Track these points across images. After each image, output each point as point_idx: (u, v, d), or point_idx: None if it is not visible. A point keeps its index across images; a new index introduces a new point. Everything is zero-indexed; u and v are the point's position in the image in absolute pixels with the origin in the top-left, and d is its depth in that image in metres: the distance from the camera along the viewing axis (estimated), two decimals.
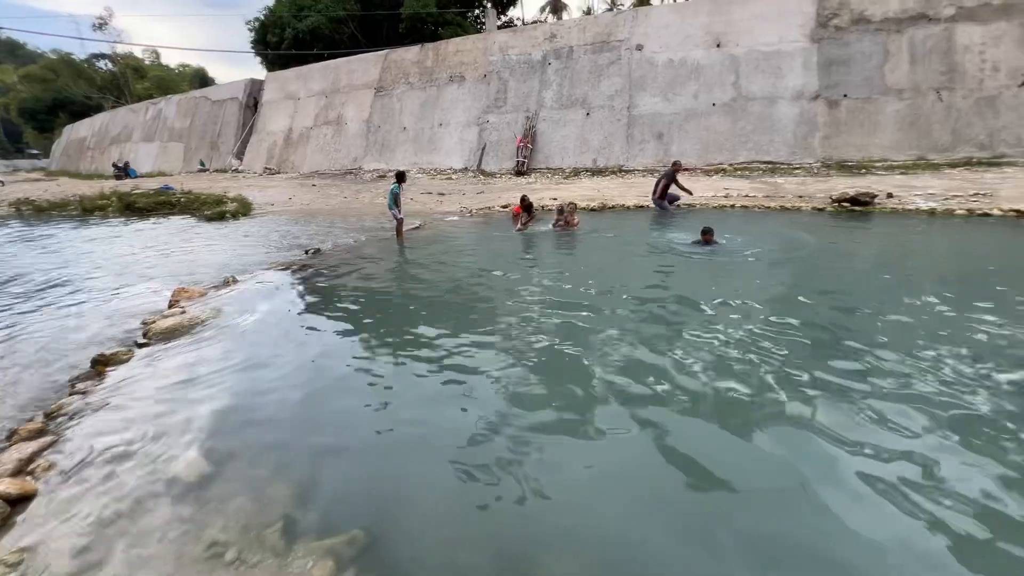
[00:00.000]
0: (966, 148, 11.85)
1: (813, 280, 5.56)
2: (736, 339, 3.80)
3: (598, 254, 7.17)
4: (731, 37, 14.32)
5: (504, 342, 3.99)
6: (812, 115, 13.31)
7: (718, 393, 3.11)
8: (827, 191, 9.84)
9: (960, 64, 12.14)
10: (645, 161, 14.77)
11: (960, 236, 7.19)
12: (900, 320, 4.07)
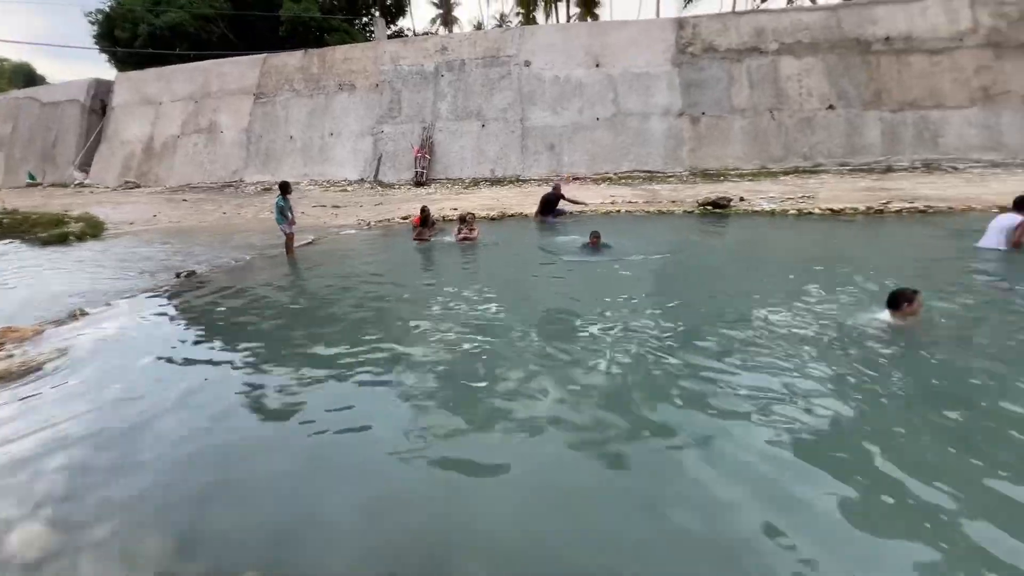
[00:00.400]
0: (794, 159, 14.32)
1: (687, 275, 6.34)
2: (627, 334, 4.21)
3: (498, 263, 7.34)
4: (608, 59, 15.72)
5: (406, 359, 3.93)
6: (679, 130, 15.10)
7: (617, 385, 3.43)
8: (694, 196, 11.23)
9: (785, 90, 14.66)
10: (540, 171, 15.54)
11: (792, 231, 8.68)
12: (756, 300, 4.84)
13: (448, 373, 3.65)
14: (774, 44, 14.89)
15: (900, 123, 14.05)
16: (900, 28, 14.33)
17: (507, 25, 42.11)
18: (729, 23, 15.43)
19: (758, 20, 15.40)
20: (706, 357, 3.72)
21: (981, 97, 13.75)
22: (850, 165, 13.93)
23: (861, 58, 14.43)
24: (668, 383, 3.38)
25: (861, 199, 10.18)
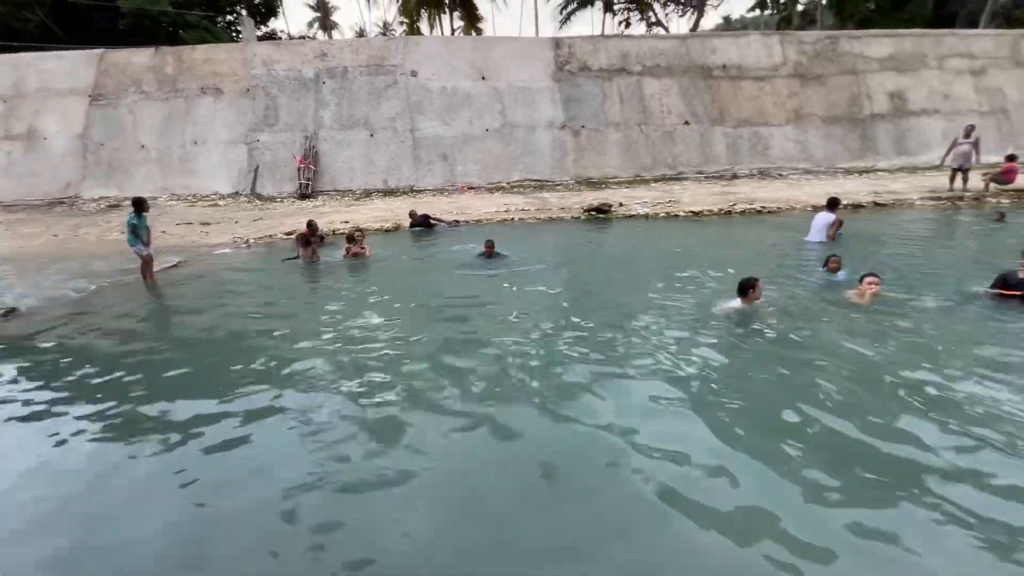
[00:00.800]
0: (661, 168, 16.17)
1: (580, 278, 6.84)
2: (525, 340, 4.43)
3: (393, 279, 7.08)
4: (493, 72, 16.29)
5: (295, 391, 3.63)
6: (563, 141, 16.17)
7: (516, 390, 3.60)
8: (580, 203, 12.12)
9: (649, 107, 16.51)
10: (434, 181, 15.53)
11: (664, 231, 9.82)
12: (641, 296, 5.40)
13: (343, 401, 3.51)
14: (638, 66, 16.70)
15: (739, 137, 16.63)
16: (733, 58, 17.01)
17: (391, 34, 41.40)
18: (599, 45, 16.96)
19: (623, 45, 17.15)
20: (601, 351, 4.09)
21: (793, 117, 16.87)
22: (705, 173, 16.13)
23: (705, 82, 16.82)
24: (568, 383, 3.66)
25: (715, 202, 11.86)
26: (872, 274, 4.85)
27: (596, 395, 3.38)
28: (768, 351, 4.05)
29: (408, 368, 3.90)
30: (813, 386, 3.38)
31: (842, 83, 17.36)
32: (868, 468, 2.54)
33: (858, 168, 16.46)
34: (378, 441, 2.98)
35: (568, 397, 3.40)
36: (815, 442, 2.79)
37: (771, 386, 3.47)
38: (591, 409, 3.22)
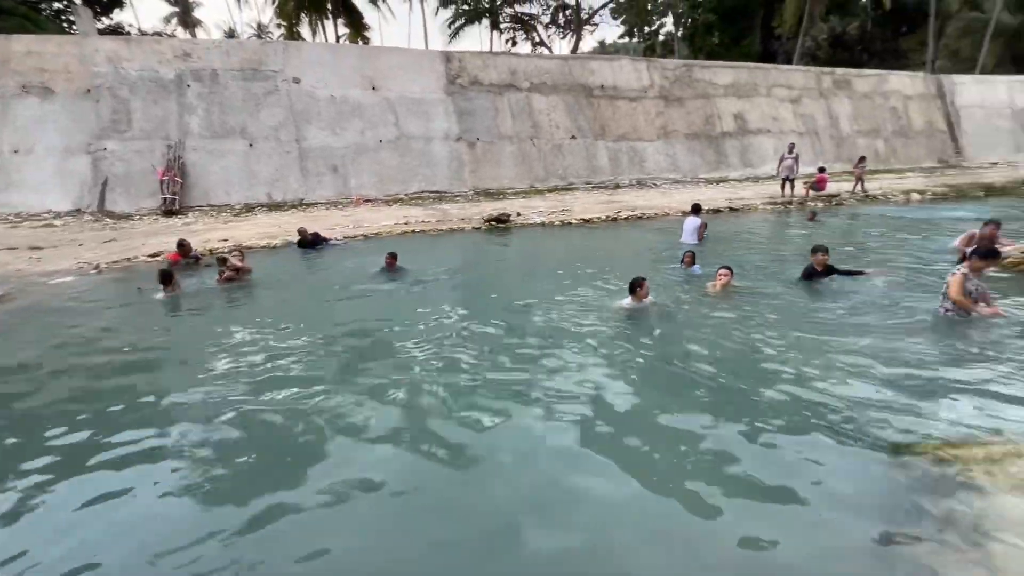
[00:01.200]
0: (553, 179, 17.18)
1: (484, 287, 6.99)
2: (438, 352, 4.44)
3: (282, 302, 6.33)
4: (383, 82, 16.00)
5: (173, 441, 3.18)
6: (459, 153, 16.40)
7: (428, 402, 3.60)
8: (480, 213, 12.38)
9: (539, 122, 17.48)
10: (325, 194, 14.73)
11: (560, 238, 10.44)
12: (542, 300, 5.69)
13: (241, 439, 3.23)
14: (526, 83, 17.61)
15: (619, 151, 18.34)
16: (609, 80, 18.75)
17: (267, 36, 38.47)
18: (488, 61, 17.57)
19: (511, 62, 17.98)
20: (509, 356, 4.26)
21: (662, 134, 19.07)
22: (592, 183, 17.48)
23: (587, 100, 18.30)
24: (477, 391, 3.76)
25: (602, 210, 12.92)
26: (725, 267, 5.73)
27: (507, 399, 3.53)
28: (654, 340, 4.58)
29: (305, 398, 3.69)
30: (689, 367, 3.91)
31: (698, 105, 20.07)
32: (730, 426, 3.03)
33: (715, 178, 19.11)
34: (269, 489, 2.79)
35: (478, 406, 3.50)
36: (697, 414, 3.24)
37: (657, 371, 3.93)
38: (502, 414, 3.35)
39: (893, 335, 4.36)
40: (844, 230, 10.59)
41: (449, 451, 2.95)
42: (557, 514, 2.41)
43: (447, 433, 3.12)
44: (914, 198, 15.10)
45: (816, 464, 2.68)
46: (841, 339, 4.30)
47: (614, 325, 4.91)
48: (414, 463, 2.86)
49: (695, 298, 5.65)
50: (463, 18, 32.44)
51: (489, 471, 2.77)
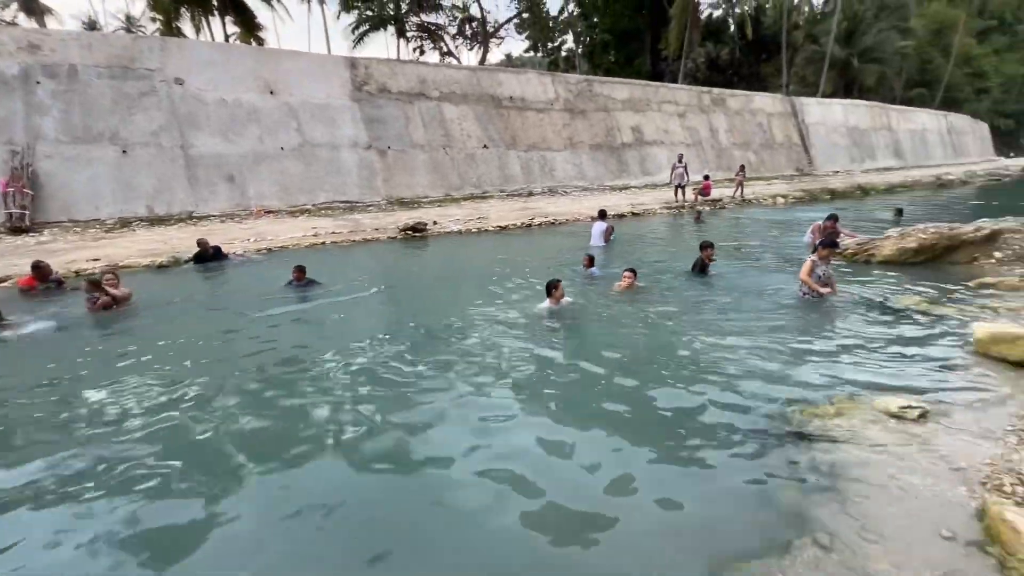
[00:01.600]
0: (468, 188, 17.34)
1: (403, 296, 6.86)
2: (357, 368, 4.29)
3: (175, 327, 5.48)
4: (283, 87, 15.05)
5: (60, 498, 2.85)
6: (370, 161, 15.92)
7: (350, 419, 3.48)
8: (395, 223, 12.13)
9: (451, 131, 17.56)
10: (220, 205, 13.46)
11: (477, 246, 10.57)
12: (463, 308, 5.73)
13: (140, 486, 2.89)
14: (436, 92, 17.62)
15: (530, 160, 19.02)
16: (517, 92, 19.41)
17: (139, 31, 34.27)
18: (397, 69, 17.32)
19: (420, 71, 17.89)
20: (432, 366, 4.25)
21: (569, 144, 20.14)
22: (506, 191, 17.93)
23: (497, 111, 18.78)
24: (397, 402, 3.71)
25: (517, 217, 13.32)
26: (629, 269, 6.24)
27: (428, 408, 3.54)
28: (569, 338, 4.86)
29: (209, 432, 3.40)
30: (601, 360, 4.22)
31: (599, 118, 21.51)
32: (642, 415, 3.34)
33: (618, 186, 20.57)
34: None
35: (400, 419, 3.47)
36: (612, 403, 3.51)
37: (573, 368, 4.19)
38: (423, 424, 3.36)
39: (764, 317, 5.09)
40: (727, 229, 12.02)
41: (374, 465, 2.90)
42: (484, 517, 2.49)
43: (370, 449, 3.06)
44: (779, 201, 17.55)
45: (709, 429, 3.07)
46: (724, 323, 4.92)
47: (534, 327, 5.12)
48: (341, 482, 2.77)
49: (605, 298, 6.08)
50: (367, 24, 31.59)
51: (414, 482, 2.78)
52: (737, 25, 37.74)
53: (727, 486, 2.60)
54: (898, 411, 3.11)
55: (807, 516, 2.32)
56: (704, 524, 2.36)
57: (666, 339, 4.67)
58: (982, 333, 4.01)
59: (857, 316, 5.06)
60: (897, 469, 2.59)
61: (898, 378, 3.68)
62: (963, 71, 49.82)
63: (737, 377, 3.76)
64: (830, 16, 37.28)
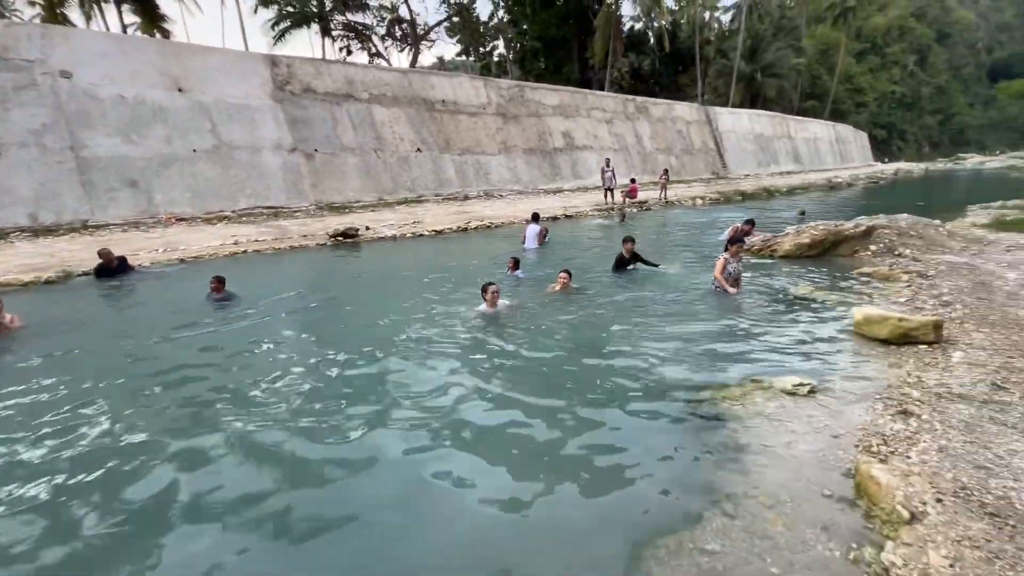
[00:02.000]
0: (402, 191, 17.02)
1: (334, 305, 6.60)
2: (289, 387, 4.08)
3: (72, 353, 4.83)
4: (195, 84, 13.92)
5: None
6: (295, 165, 15.14)
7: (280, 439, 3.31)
8: (324, 228, 11.63)
9: (382, 134, 17.15)
10: (122, 212, 12.17)
11: (412, 250, 10.42)
12: (398, 313, 5.62)
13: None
14: (365, 94, 17.13)
15: (465, 164, 19.04)
16: (449, 95, 19.36)
17: (14, 16, 30.13)
18: (322, 69, 16.62)
19: (347, 71, 17.30)
20: (366, 377, 4.15)
21: (503, 148, 20.40)
22: (442, 195, 17.80)
23: (430, 114, 18.61)
24: (332, 412, 3.59)
25: (453, 221, 13.28)
26: (565, 271, 6.46)
27: (362, 418, 3.47)
28: (505, 339, 4.95)
29: (127, 464, 3.10)
30: (535, 359, 4.35)
31: (531, 123, 21.99)
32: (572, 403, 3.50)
33: (552, 189, 21.14)
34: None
35: (334, 428, 3.38)
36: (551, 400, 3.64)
37: (508, 367, 4.28)
38: (357, 434, 3.30)
39: (682, 311, 5.50)
40: (653, 228, 12.78)
41: (311, 476, 2.80)
42: (421, 519, 2.50)
43: (307, 458, 2.95)
44: (699, 203, 18.92)
45: (631, 417, 3.28)
46: (646, 318, 5.27)
47: (469, 331, 5.16)
48: (276, 498, 2.64)
49: (540, 299, 6.24)
50: (288, 20, 30.02)
51: (354, 489, 2.72)
52: (656, 38, 40.26)
53: (646, 468, 2.80)
54: (792, 388, 3.50)
55: (715, 488, 2.57)
56: (625, 504, 2.53)
57: (593, 336, 4.90)
58: (859, 316, 4.61)
59: (761, 306, 5.62)
60: (790, 439, 2.93)
61: (792, 359, 4.15)
62: (845, 87, 56.63)
63: (656, 367, 4.05)
64: (736, 34, 40.86)
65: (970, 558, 1.93)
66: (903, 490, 2.31)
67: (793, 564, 2.08)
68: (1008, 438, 2.71)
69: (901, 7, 68.30)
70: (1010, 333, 4.24)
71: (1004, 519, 2.12)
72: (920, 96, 67.99)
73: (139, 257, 8.77)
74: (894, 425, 2.95)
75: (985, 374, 3.50)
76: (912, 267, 6.79)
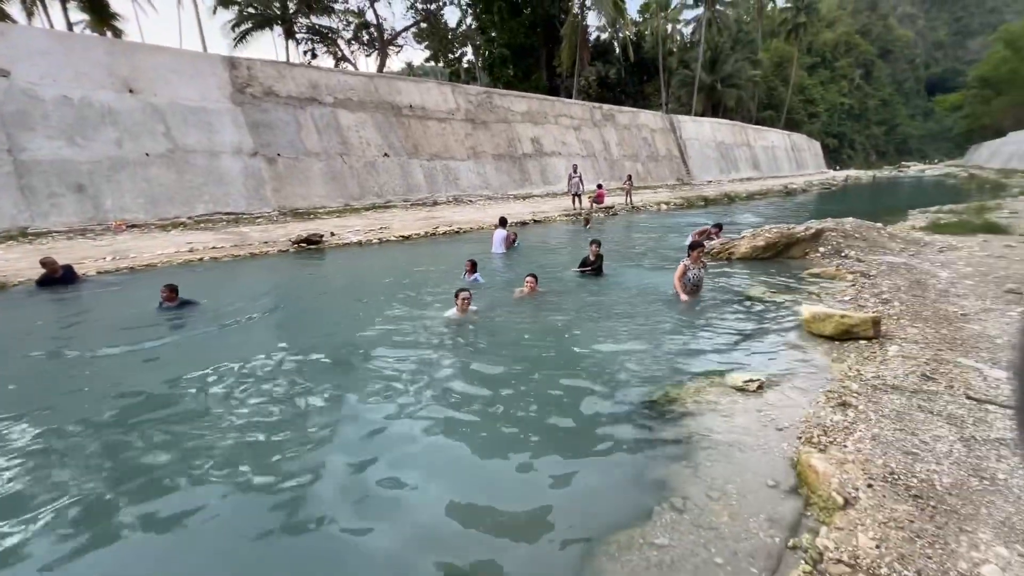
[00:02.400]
0: (370, 197, 16.78)
1: (295, 313, 6.42)
2: (247, 393, 3.94)
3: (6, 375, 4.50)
4: (147, 85, 13.35)
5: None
6: (257, 170, 14.70)
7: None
8: (287, 235, 11.34)
9: (348, 138, 16.89)
10: (66, 220, 11.51)
11: (379, 256, 10.28)
12: (366, 319, 5.52)
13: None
14: (330, 98, 16.84)
15: (434, 169, 18.95)
16: (417, 100, 19.27)
17: None
18: (285, 72, 16.25)
19: (311, 75, 16.98)
20: (336, 385, 4.05)
21: (472, 154, 20.43)
22: (410, 201, 17.65)
23: (397, 119, 18.46)
24: (297, 417, 3.50)
25: (421, 226, 13.18)
26: (531, 275, 6.50)
27: (323, 430, 3.40)
28: (470, 345, 4.95)
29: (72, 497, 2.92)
30: (499, 362, 4.37)
31: (501, 129, 22.13)
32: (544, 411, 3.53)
33: (521, 194, 21.30)
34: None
35: (304, 433, 3.29)
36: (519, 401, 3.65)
37: (472, 373, 4.28)
38: (326, 441, 3.22)
39: (642, 313, 5.63)
40: (619, 232, 13.04)
41: (257, 488, 2.71)
42: (372, 525, 2.47)
43: (252, 472, 2.86)
44: (663, 208, 19.45)
45: (590, 417, 3.33)
46: (609, 321, 5.37)
47: (436, 335, 5.12)
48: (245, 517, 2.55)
49: (507, 303, 6.26)
50: (249, 22, 29.24)
51: (306, 497, 2.65)
52: (621, 48, 41.31)
53: (600, 466, 2.85)
54: (742, 384, 3.64)
55: (666, 483, 2.64)
56: (579, 502, 2.57)
57: (555, 338, 4.95)
58: (807, 314, 4.84)
59: (717, 306, 5.82)
60: (738, 433, 3.04)
61: (745, 356, 4.31)
62: (799, 98, 59.64)
63: (613, 367, 4.13)
64: (697, 46, 42.41)
65: (894, 538, 2.05)
66: (838, 477, 2.44)
67: (736, 553, 2.16)
68: (933, 425, 2.90)
69: (847, 24, 72.68)
70: (940, 327, 4.54)
71: (926, 500, 2.27)
72: (867, 108, 72.40)
73: (85, 266, 8.30)
74: (834, 416, 3.11)
75: (916, 366, 3.73)
76: (856, 267, 7.19)
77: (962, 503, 2.26)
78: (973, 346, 4.09)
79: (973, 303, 5.24)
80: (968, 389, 3.33)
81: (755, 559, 2.12)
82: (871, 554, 1.99)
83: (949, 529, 2.10)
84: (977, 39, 78.82)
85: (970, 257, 7.63)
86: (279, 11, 29.90)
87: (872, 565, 1.95)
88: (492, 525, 2.41)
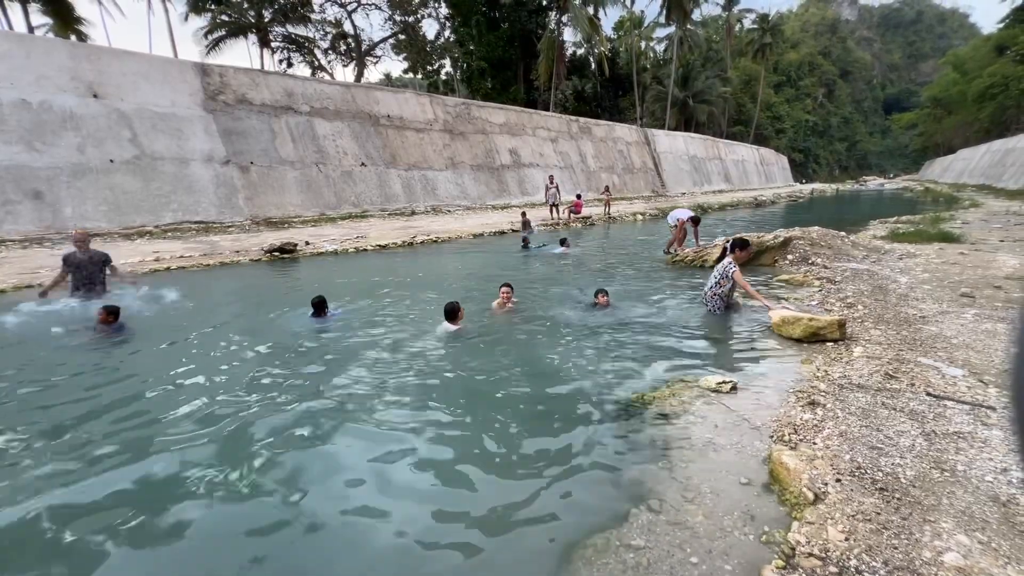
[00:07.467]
0: (346, 206, 16.57)
1: (260, 324, 6.23)
2: (214, 410, 3.78)
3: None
4: (112, 91, 12.96)
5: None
6: (229, 178, 14.37)
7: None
8: (260, 244, 11.07)
9: (324, 147, 16.71)
10: (22, 228, 10.98)
11: (356, 266, 10.11)
12: (343, 331, 5.38)
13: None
14: (306, 107, 16.67)
15: (412, 179, 18.88)
16: (395, 111, 19.24)
17: None
18: (259, 80, 16.03)
19: (286, 83, 16.79)
20: (318, 398, 3.93)
21: (450, 164, 20.46)
22: (388, 210, 17.51)
23: (375, 129, 18.38)
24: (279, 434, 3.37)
25: (399, 235, 13.06)
26: (506, 284, 6.47)
27: (334, 446, 3.29)
28: (479, 358, 4.88)
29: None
30: (479, 372, 4.32)
31: (479, 140, 22.26)
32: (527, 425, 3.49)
33: (500, 205, 21.40)
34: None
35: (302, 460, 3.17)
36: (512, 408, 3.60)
37: (450, 380, 4.22)
38: (331, 460, 3.11)
39: (618, 319, 5.68)
40: (596, 242, 13.21)
41: (266, 503, 2.59)
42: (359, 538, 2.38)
43: (261, 483, 2.73)
44: (639, 219, 19.82)
45: (568, 421, 3.32)
46: (584, 326, 5.39)
47: (439, 346, 4.94)
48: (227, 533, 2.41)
49: (491, 315, 6.22)
50: (223, 29, 28.80)
51: (279, 511, 2.54)
52: (596, 63, 42.32)
53: (576, 470, 2.83)
54: (716, 386, 3.69)
55: (642, 485, 2.63)
56: (555, 506, 2.53)
57: (532, 345, 4.94)
58: (776, 318, 4.97)
59: (691, 311, 5.92)
60: (712, 434, 3.07)
61: (719, 359, 4.38)
62: (766, 114, 62.16)
63: (589, 372, 4.14)
64: (670, 62, 43.79)
65: (862, 530, 2.09)
66: (808, 473, 2.48)
67: (711, 551, 2.16)
68: (896, 420, 3.00)
69: (810, 45, 76.43)
70: (901, 329, 4.73)
71: (891, 493, 2.33)
72: (830, 125, 75.96)
73: (39, 276, 7.90)
74: (803, 415, 3.17)
75: (880, 366, 3.86)
76: (822, 273, 7.44)
77: (925, 494, 2.32)
78: (931, 346, 4.26)
79: (931, 306, 5.48)
80: (928, 387, 3.46)
81: (729, 556, 2.13)
82: (841, 546, 2.02)
83: (913, 520, 2.16)
84: (928, 62, 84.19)
85: (927, 264, 8.01)
86: (253, 19, 29.56)
87: (842, 557, 1.97)
88: (465, 532, 2.36)
